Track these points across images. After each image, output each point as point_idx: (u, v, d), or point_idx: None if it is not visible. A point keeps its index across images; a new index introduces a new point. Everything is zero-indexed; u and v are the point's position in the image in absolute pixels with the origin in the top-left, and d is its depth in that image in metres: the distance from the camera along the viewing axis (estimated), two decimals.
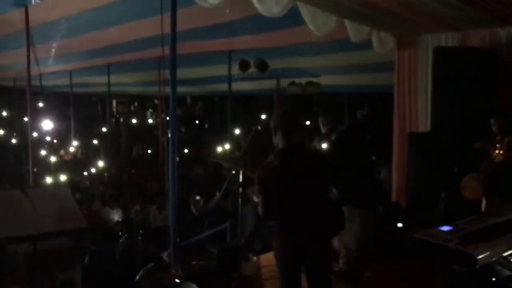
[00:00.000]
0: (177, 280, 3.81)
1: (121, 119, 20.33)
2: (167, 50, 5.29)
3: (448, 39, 6.63)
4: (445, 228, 2.20)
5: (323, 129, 5.19)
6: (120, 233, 4.39)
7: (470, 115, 5.88)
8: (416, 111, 7.15)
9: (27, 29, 7.21)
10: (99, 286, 4.24)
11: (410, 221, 5.94)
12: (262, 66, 7.25)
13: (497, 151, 4.88)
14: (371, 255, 5.31)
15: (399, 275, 5.22)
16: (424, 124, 7.00)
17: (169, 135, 5.53)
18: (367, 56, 8.25)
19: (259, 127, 6.05)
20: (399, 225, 5.89)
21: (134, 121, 21.67)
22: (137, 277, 3.61)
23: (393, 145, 7.35)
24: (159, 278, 3.70)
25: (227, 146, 12.98)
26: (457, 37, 6.56)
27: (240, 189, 4.83)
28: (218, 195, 9.04)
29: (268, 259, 5.81)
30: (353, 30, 6.29)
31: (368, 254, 5.21)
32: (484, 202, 4.76)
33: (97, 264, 4.49)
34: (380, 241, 5.55)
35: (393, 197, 7.15)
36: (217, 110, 20.11)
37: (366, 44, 6.83)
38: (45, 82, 14.08)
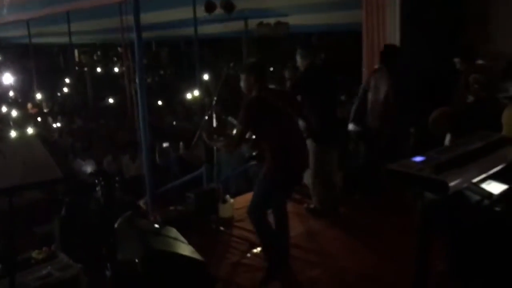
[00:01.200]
0: (156, 226, 3.84)
1: (85, 69, 19.70)
2: None
3: None
4: (418, 158, 2.27)
5: (301, 64, 5.10)
6: (96, 183, 4.34)
7: (437, 52, 5.92)
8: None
9: None
10: (78, 236, 4.25)
11: (381, 157, 6.08)
12: (229, 7, 7.05)
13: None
14: (345, 192, 5.46)
15: (373, 210, 5.40)
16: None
17: (137, 83, 5.44)
18: None
19: (230, 71, 5.96)
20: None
21: (98, 70, 21.06)
22: (116, 225, 3.62)
23: (363, 82, 7.38)
24: (139, 224, 3.73)
25: (196, 93, 12.82)
26: None
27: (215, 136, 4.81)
28: (181, 145, 9.05)
29: (243, 201, 5.93)
30: None
31: (337, 190, 5.35)
32: (448, 138, 4.87)
33: (74, 215, 4.48)
34: (353, 178, 5.70)
35: None
36: (183, 56, 19.69)
37: None
38: (1, 34, 13.46)
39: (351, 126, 5.84)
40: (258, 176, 3.99)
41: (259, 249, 4.42)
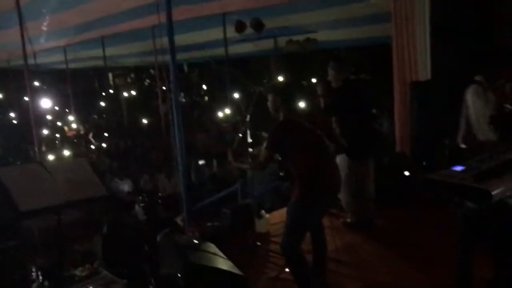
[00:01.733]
0: (195, 241, 3.91)
1: (120, 92, 20.25)
2: (161, 17, 5.24)
3: None
4: (458, 168, 2.26)
5: (333, 78, 5.10)
6: (135, 201, 4.46)
7: (468, 60, 5.88)
8: (416, 60, 7.12)
9: (18, 6, 7.12)
10: (120, 253, 4.35)
11: (416, 169, 6.03)
12: (258, 26, 7.18)
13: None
14: (380, 205, 5.42)
15: (410, 221, 5.35)
16: (424, 73, 7.00)
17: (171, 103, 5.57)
18: (363, 8, 8.16)
19: (261, 89, 6.05)
20: (406, 173, 5.98)
21: (133, 92, 21.58)
22: (157, 240, 3.71)
23: (394, 95, 7.35)
24: (178, 240, 3.81)
25: (227, 111, 13.00)
26: None
27: (250, 150, 4.90)
28: (215, 162, 9.17)
29: (278, 216, 5.96)
30: None
31: (372, 202, 5.31)
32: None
33: (115, 232, 4.60)
34: (389, 191, 5.66)
35: (397, 147, 7.22)
36: (214, 76, 19.97)
37: None
38: (40, 60, 13.96)
39: (463, 145, 5.58)
40: (289, 202, 3.76)
41: None
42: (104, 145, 12.88)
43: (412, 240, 4.89)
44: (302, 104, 4.50)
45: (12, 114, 17.49)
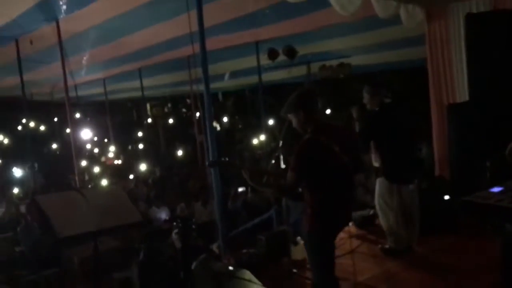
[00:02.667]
0: (230, 268, 3.90)
1: (157, 122, 20.74)
2: (196, 48, 5.36)
3: (479, 5, 6.46)
4: (496, 189, 2.19)
5: (368, 102, 5.03)
6: (171, 228, 4.50)
7: (508, 80, 5.73)
8: (452, 82, 7.02)
9: (60, 42, 7.47)
10: (156, 280, 4.38)
11: (456, 193, 5.85)
12: (291, 53, 7.24)
13: None
14: (420, 230, 5.26)
15: (450, 248, 5.16)
16: (462, 95, 6.87)
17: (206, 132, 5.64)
18: (396, 32, 8.14)
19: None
20: (446, 197, 5.81)
21: (169, 121, 22.05)
22: (193, 267, 3.71)
23: (432, 118, 7.23)
24: (214, 267, 3.80)
25: (262, 138, 13.07)
26: (488, 2, 6.38)
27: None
28: (249, 189, 9.18)
29: None
30: (380, 7, 6.21)
31: (415, 229, 5.16)
32: None
33: (152, 260, 4.64)
34: (428, 216, 5.50)
35: (436, 171, 7.06)
36: (248, 103, 20.20)
37: (395, 20, 6.74)
38: (81, 92, 14.52)
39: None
40: (303, 233, 3.49)
41: None
42: (142, 173, 13.12)
43: (452, 267, 4.70)
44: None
45: (54, 145, 18.09)
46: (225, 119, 22.12)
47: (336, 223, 3.40)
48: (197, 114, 13.05)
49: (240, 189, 9.08)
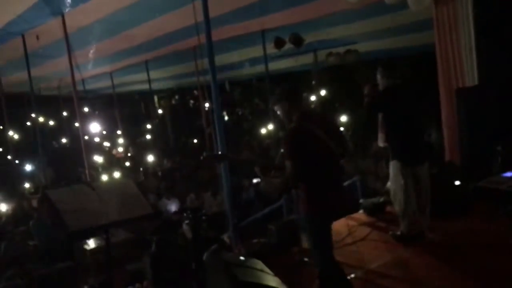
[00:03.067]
0: (242, 258, 3.90)
1: (165, 114, 20.79)
2: (202, 38, 5.34)
3: None
4: (508, 174, 2.16)
5: (381, 83, 4.96)
6: (182, 219, 4.52)
7: None
8: (461, 66, 6.92)
9: (66, 36, 7.47)
10: (168, 271, 4.40)
11: (467, 178, 5.81)
12: (298, 41, 7.20)
13: None
14: (431, 216, 5.22)
15: (462, 234, 5.12)
16: (470, 78, 6.79)
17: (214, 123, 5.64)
18: (403, 17, 8.04)
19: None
20: (457, 183, 5.76)
21: (178, 113, 22.08)
22: (204, 258, 3.72)
23: (441, 103, 7.16)
24: (225, 257, 3.81)
25: (270, 127, 13.04)
26: None
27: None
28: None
29: None
30: None
31: (426, 213, 5.11)
32: None
33: (164, 251, 4.66)
34: (439, 201, 5.46)
35: (446, 156, 7.00)
36: (256, 93, 20.16)
37: (401, 5, 6.66)
38: (88, 86, 14.55)
39: None
40: (301, 216, 3.72)
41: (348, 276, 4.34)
42: (151, 165, 13.17)
43: (465, 253, 4.67)
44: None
45: (64, 140, 18.19)
46: (232, 110, 22.10)
47: (330, 206, 3.50)
48: (206, 105, 13.01)
49: (255, 180, 9.09)
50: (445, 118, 7.11)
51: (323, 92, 12.74)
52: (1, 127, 13.83)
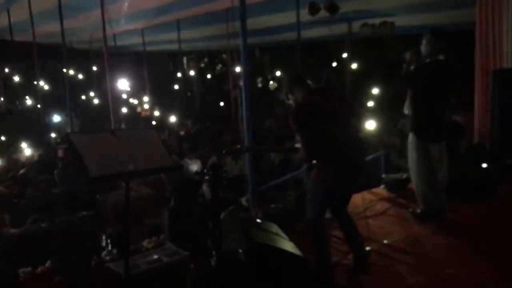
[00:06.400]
0: (258, 220, 3.92)
1: (193, 76, 20.76)
2: (235, 0, 5.24)
3: None
4: None
5: (425, 50, 4.81)
6: (203, 180, 4.54)
7: None
8: (501, 47, 6.71)
9: None
10: (185, 227, 4.46)
11: (495, 161, 5.67)
12: (333, 8, 6.99)
13: None
14: (454, 197, 5.13)
15: (484, 216, 5.04)
16: (510, 61, 6.57)
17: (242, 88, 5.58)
18: None
19: (330, 74, 5.91)
20: (484, 165, 5.64)
21: (206, 76, 22.07)
22: (221, 217, 3.75)
23: (475, 84, 6.96)
24: (242, 218, 3.84)
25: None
26: None
27: None
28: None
29: None
30: None
31: (442, 192, 5.00)
32: None
33: (182, 207, 4.72)
34: (464, 183, 5.36)
35: (476, 138, 6.85)
36: (285, 61, 19.91)
37: None
38: (119, 42, 14.58)
39: None
40: (309, 179, 3.81)
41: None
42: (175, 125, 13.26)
43: (483, 235, 4.60)
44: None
45: (92, 94, 18.40)
46: (261, 76, 21.93)
47: (343, 171, 3.63)
48: (237, 69, 12.91)
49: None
50: (478, 99, 6.93)
51: (354, 65, 12.50)
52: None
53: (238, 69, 11.50)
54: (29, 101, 17.19)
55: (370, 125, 6.62)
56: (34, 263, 4.16)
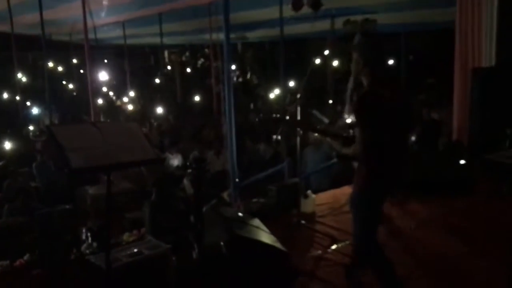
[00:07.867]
0: (240, 214, 3.93)
1: (174, 70, 20.63)
2: None
3: None
4: None
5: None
6: (184, 174, 4.52)
7: None
8: (480, 46, 6.82)
9: None
10: (166, 221, 4.44)
11: (473, 158, 5.78)
12: (316, 4, 6.99)
13: None
14: (433, 193, 5.22)
15: (462, 211, 5.13)
16: (488, 59, 6.68)
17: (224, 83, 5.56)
18: None
19: (314, 67, 5.92)
20: (462, 162, 5.74)
21: (187, 70, 21.92)
22: (203, 211, 3.74)
23: (455, 82, 7.07)
24: (224, 212, 3.83)
25: (277, 92, 12.93)
26: None
27: (300, 131, 4.81)
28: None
29: (324, 198, 5.89)
30: None
31: None
32: None
33: (163, 201, 4.69)
34: (443, 179, 5.45)
35: (454, 136, 6.96)
36: (268, 57, 19.92)
37: None
38: (100, 35, 14.37)
39: None
40: (352, 200, 3.20)
41: (340, 244, 4.38)
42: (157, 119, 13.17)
43: (464, 230, 4.68)
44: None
45: (71, 86, 18.16)
46: (243, 72, 21.90)
47: (390, 183, 3.19)
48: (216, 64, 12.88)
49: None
50: (457, 97, 7.04)
51: (335, 63, 12.58)
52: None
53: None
54: (5, 95, 16.88)
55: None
56: (12, 256, 4.11)
